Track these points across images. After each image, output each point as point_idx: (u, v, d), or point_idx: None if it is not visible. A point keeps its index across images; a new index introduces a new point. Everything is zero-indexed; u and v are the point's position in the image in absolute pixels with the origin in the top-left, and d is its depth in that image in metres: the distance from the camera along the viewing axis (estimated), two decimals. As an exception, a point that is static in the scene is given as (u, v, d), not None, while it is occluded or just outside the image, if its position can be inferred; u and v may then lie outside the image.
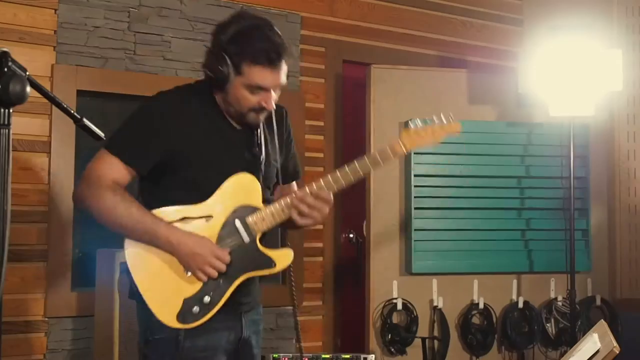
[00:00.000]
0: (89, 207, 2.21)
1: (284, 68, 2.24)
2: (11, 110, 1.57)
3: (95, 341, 3.29)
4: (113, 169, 2.21)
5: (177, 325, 2.18)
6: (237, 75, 2.20)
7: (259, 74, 2.19)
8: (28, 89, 1.58)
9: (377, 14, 4.46)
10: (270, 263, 2.27)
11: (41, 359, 3.43)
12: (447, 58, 4.65)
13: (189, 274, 2.20)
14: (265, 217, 2.26)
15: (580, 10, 4.26)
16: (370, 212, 3.87)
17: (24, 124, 3.35)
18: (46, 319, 3.44)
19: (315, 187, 2.27)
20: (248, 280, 2.27)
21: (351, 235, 4.36)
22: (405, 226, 3.89)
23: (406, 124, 2.34)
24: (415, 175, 3.86)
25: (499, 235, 4.04)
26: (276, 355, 3.50)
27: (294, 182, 2.54)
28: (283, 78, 2.25)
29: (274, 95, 2.26)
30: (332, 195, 2.29)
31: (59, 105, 1.78)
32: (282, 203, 2.27)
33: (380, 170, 3.88)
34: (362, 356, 3.55)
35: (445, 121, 2.39)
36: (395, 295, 3.85)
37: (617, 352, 2.52)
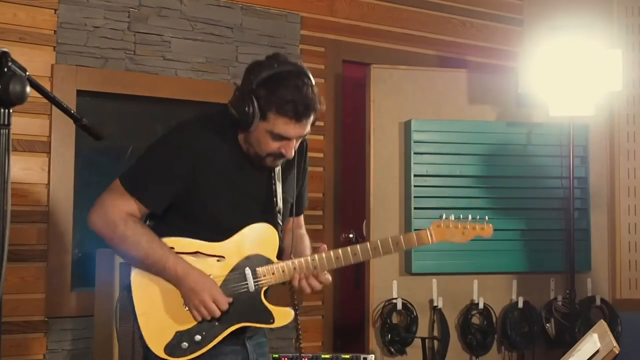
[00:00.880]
0: (101, 236, 2.22)
1: (310, 120, 2.21)
2: (11, 110, 1.57)
3: (95, 341, 3.29)
4: (128, 204, 2.21)
5: (163, 355, 2.19)
6: (261, 121, 2.17)
7: (283, 125, 2.17)
8: (28, 89, 1.58)
9: (377, 14, 4.46)
10: (269, 318, 2.26)
11: (41, 359, 3.43)
12: (447, 58, 4.65)
13: (187, 308, 2.21)
14: (276, 272, 2.26)
15: (580, 10, 4.26)
16: (370, 212, 3.87)
17: (24, 124, 3.35)
18: (46, 319, 3.44)
19: (325, 260, 2.27)
20: None
21: (351, 235, 4.36)
22: (405, 225, 3.89)
23: (440, 217, 2.42)
24: (415, 175, 3.86)
25: (499, 235, 4.00)
26: (276, 355, 3.50)
27: (302, 220, 2.54)
28: (307, 129, 2.23)
29: (295, 144, 2.24)
30: (330, 279, 2.33)
31: (59, 105, 1.78)
32: (297, 263, 2.27)
33: (380, 170, 3.90)
34: (362, 356, 3.54)
35: (478, 223, 2.43)
36: (395, 295, 3.85)
37: (617, 352, 2.51)
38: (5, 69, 1.56)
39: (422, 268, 3.87)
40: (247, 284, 2.24)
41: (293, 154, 2.25)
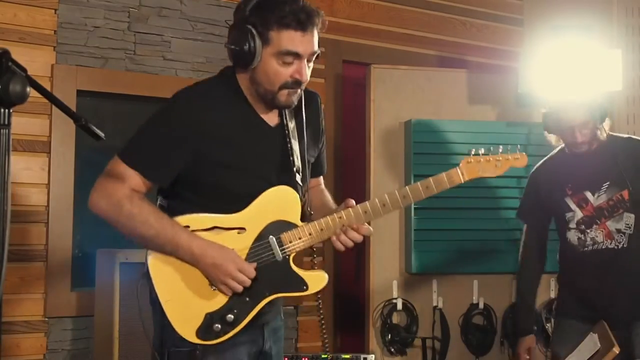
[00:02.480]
0: (106, 218, 2.08)
1: (315, 34, 2.07)
2: (11, 110, 1.57)
3: (95, 341, 3.30)
4: (131, 180, 2.06)
5: (196, 340, 2.06)
6: (264, 46, 2.03)
7: (288, 39, 2.03)
8: (28, 89, 1.58)
9: (377, 14, 4.46)
10: (301, 285, 2.12)
11: (41, 359, 3.43)
12: (447, 58, 4.64)
13: (214, 287, 2.08)
14: (303, 236, 2.12)
15: (580, 10, 4.25)
16: (370, 212, 3.86)
17: (24, 124, 3.35)
18: (46, 319, 3.44)
19: (354, 216, 2.15)
20: None
21: (351, 235, 4.34)
22: (405, 226, 3.89)
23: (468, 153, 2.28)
24: (415, 175, 3.85)
25: (499, 235, 4.03)
26: (276, 355, 3.50)
27: (321, 178, 2.42)
28: (316, 45, 2.08)
29: (308, 67, 2.09)
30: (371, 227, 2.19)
31: (59, 105, 1.78)
32: (324, 224, 2.13)
33: (380, 170, 3.90)
34: (362, 356, 3.54)
35: (511, 152, 2.26)
36: (395, 295, 3.85)
37: (617, 352, 2.51)
38: (5, 69, 1.56)
39: (422, 268, 3.87)
40: (273, 253, 2.10)
41: (308, 77, 2.10)
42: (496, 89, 4.11)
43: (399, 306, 3.83)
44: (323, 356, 3.52)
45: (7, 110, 1.56)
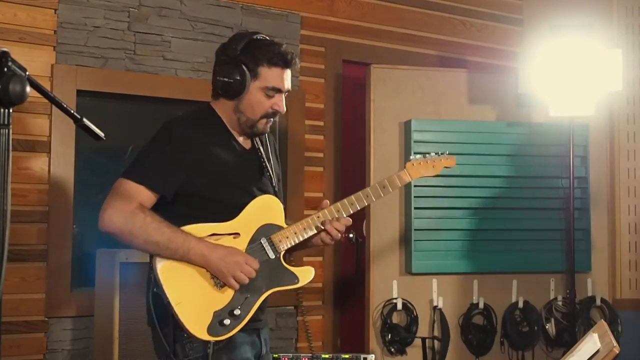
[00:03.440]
0: (120, 232, 2.25)
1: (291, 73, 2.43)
2: (11, 110, 1.57)
3: (95, 341, 3.30)
4: (139, 195, 2.27)
5: (207, 337, 2.24)
6: (253, 80, 2.37)
7: (275, 76, 2.38)
8: (28, 89, 1.58)
9: (377, 14, 4.46)
10: (294, 279, 2.40)
11: (41, 359, 3.43)
12: (447, 58, 4.65)
13: (219, 287, 2.29)
14: (290, 235, 2.40)
15: (580, 10, 4.26)
16: (370, 212, 3.87)
17: (24, 124, 3.35)
18: (46, 319, 3.44)
19: (328, 213, 2.46)
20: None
21: (351, 235, 4.31)
22: (405, 226, 3.89)
23: (408, 158, 2.69)
24: (415, 175, 3.85)
25: (499, 235, 4.03)
26: (276, 355, 3.50)
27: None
28: (290, 83, 2.44)
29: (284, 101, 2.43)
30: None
31: (59, 105, 1.78)
32: (305, 223, 2.43)
33: (380, 170, 3.90)
34: (362, 356, 3.54)
35: (442, 156, 2.68)
36: (395, 295, 3.85)
37: (617, 352, 2.51)
38: (5, 69, 1.56)
39: (422, 268, 3.87)
40: (266, 252, 2.36)
41: (285, 108, 2.43)
42: (496, 89, 4.11)
43: (399, 306, 3.83)
44: (323, 356, 3.52)
45: (7, 110, 1.57)
